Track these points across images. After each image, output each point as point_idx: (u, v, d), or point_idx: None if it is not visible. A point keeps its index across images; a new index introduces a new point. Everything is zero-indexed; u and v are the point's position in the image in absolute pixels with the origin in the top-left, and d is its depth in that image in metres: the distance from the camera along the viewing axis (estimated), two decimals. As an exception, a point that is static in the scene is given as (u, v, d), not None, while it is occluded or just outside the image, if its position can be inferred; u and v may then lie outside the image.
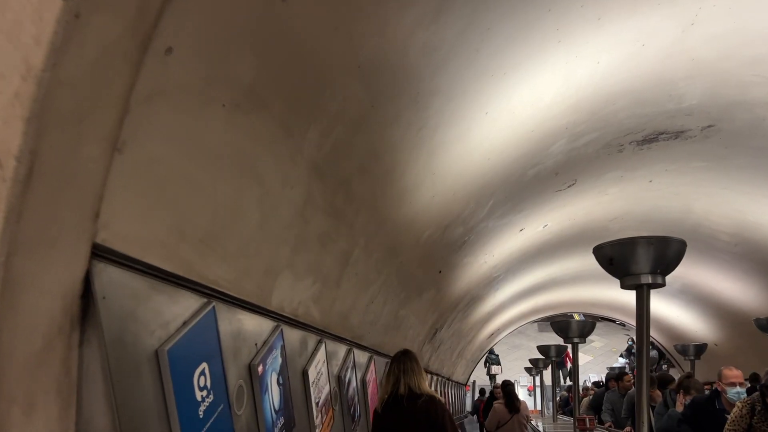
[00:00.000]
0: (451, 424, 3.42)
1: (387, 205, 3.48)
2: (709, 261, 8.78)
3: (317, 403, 3.44)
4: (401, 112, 2.76)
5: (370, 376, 4.85)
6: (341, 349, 4.12)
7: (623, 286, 3.37)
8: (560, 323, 6.56)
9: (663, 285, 3.33)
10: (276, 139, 2.11)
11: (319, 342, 3.59)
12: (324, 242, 2.99)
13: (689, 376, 5.47)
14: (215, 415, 2.21)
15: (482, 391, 19.39)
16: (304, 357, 3.31)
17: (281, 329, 2.94)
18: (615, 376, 7.04)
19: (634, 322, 14.18)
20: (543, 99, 3.78)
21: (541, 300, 13.53)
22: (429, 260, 5.23)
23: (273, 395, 2.78)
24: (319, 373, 3.52)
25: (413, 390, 3.40)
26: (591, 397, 8.36)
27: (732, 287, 9.37)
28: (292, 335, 3.13)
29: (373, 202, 3.26)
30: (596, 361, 23.38)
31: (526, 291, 11.45)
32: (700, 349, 9.10)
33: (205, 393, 2.14)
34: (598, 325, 10.79)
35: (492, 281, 8.49)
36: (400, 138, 2.95)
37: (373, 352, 5.02)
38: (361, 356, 4.66)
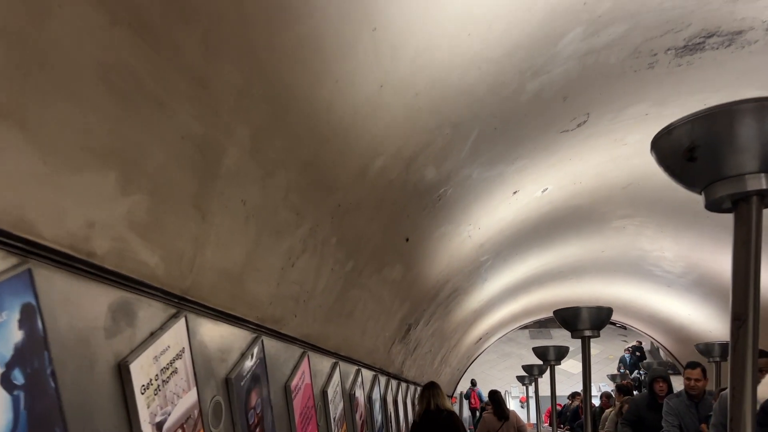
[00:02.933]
0: (464, 427, 4.92)
1: (282, 64, 1.95)
2: (738, 242, 7.32)
3: (158, 425, 1.88)
4: None
5: (300, 381, 3.29)
6: (236, 337, 2.57)
7: (711, 203, 1.84)
8: (567, 311, 5.02)
9: (787, 196, 1.82)
10: None
11: (173, 317, 2.03)
12: (123, 91, 1.46)
13: None
14: None
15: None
16: (120, 340, 1.75)
17: (29, 273, 1.39)
18: (663, 374, 5.34)
19: (635, 324, 12.56)
20: None
21: (535, 298, 12.03)
22: (388, 214, 3.70)
23: (-21, 412, 1.23)
24: (167, 370, 1.96)
25: (439, 406, 4.84)
26: (622, 408, 6.58)
27: (764, 275, 7.92)
28: (77, 292, 1.58)
29: (245, 40, 1.73)
30: (592, 369, 21.84)
31: (519, 286, 9.94)
32: (727, 348, 7.59)
33: None
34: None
35: (478, 267, 6.96)
36: None
37: (307, 346, 3.47)
38: (281, 351, 3.11)
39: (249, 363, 2.63)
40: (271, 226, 2.45)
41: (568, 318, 5.14)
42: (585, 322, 5.04)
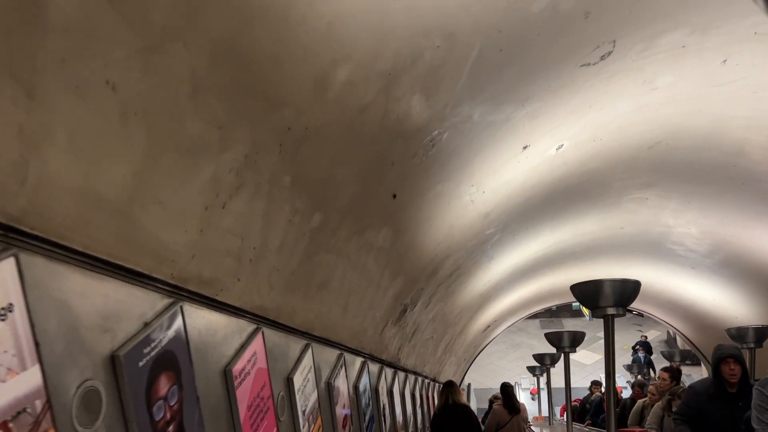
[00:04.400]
0: (476, 419, 6.31)
1: None
2: (775, 213, 6.51)
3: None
4: None
5: (248, 366, 2.55)
6: (136, 300, 1.83)
7: None
8: (587, 286, 4.28)
9: None
10: None
11: (-10, 254, 1.30)
12: None
13: None
14: None
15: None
16: None
17: None
18: (735, 352, 4.20)
19: (653, 311, 11.65)
20: None
21: (546, 283, 11.25)
22: (364, 154, 2.94)
23: None
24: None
25: (456, 401, 6.12)
26: (672, 400, 5.61)
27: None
28: None
29: None
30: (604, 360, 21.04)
31: (529, 267, 9.16)
32: (763, 333, 6.81)
33: None
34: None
35: (484, 242, 6.20)
36: None
37: (261, 321, 2.72)
38: (219, 325, 2.37)
39: (157, 337, 1.89)
40: (174, 137, 1.71)
41: (588, 294, 4.38)
42: (608, 298, 4.28)
